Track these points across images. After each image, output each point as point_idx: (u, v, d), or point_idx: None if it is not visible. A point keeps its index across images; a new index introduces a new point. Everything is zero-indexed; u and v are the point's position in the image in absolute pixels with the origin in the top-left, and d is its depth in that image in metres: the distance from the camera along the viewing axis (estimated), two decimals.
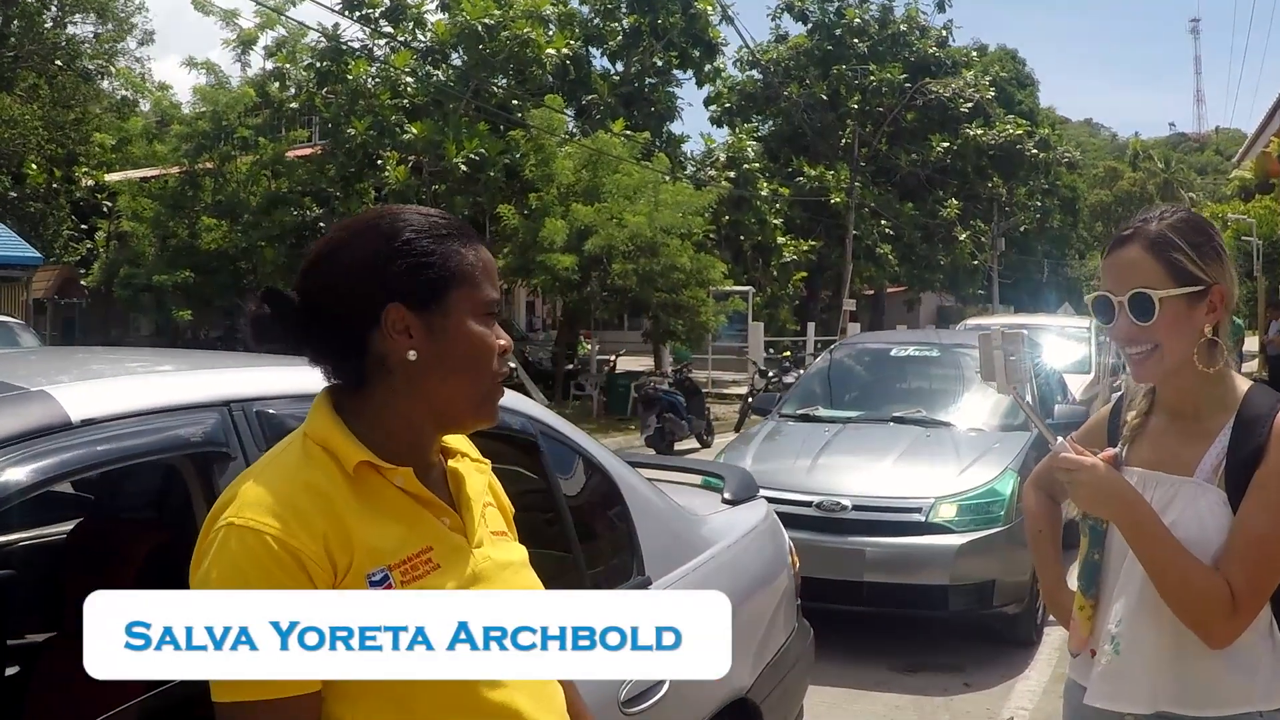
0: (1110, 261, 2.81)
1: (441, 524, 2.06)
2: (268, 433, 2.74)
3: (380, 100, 25.97)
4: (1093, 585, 2.91)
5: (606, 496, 4.11)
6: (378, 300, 1.98)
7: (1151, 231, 2.75)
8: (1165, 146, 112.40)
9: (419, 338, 1.99)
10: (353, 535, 1.90)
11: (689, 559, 4.35)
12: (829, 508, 8.33)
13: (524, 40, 26.25)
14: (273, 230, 25.74)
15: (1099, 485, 2.71)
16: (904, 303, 56.43)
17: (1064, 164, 57.27)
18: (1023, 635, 8.59)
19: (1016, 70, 65.90)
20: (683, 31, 33.59)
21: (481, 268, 2.08)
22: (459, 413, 2.08)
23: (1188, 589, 2.64)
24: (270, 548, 1.82)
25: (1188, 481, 2.76)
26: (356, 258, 2.01)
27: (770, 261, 38.12)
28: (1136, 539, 2.70)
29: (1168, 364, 2.73)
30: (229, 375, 3.02)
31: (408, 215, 2.06)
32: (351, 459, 1.97)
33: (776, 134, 46.24)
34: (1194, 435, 2.80)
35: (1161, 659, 2.74)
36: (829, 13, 46.45)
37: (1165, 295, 2.68)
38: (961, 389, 10.73)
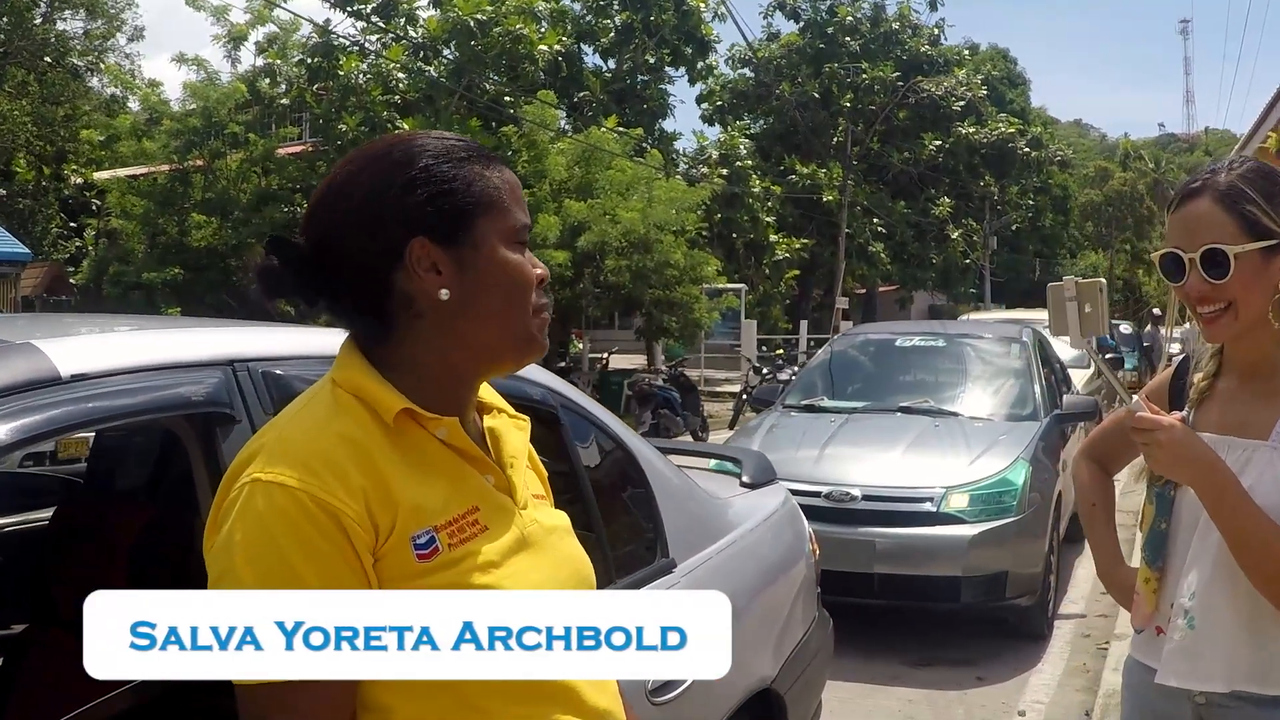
0: (1178, 216, 2.62)
1: (486, 482, 1.86)
2: (274, 395, 2.55)
3: (372, 96, 25.75)
4: (1159, 557, 2.73)
5: (629, 474, 3.94)
6: (399, 236, 1.77)
7: (1222, 183, 2.57)
8: (1155, 147, 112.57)
9: (449, 274, 1.78)
10: (395, 492, 1.69)
11: (712, 542, 4.20)
12: (838, 498, 8.15)
13: (516, 36, 26.07)
14: (263, 227, 25.27)
15: (1179, 447, 2.52)
16: (896, 301, 56.42)
17: (1056, 163, 57.35)
18: (1035, 628, 8.41)
19: (1008, 69, 66.09)
20: (675, 29, 33.61)
21: (508, 190, 1.86)
22: (502, 352, 1.87)
23: (1271, 558, 2.47)
24: (304, 505, 1.61)
25: (1263, 445, 2.58)
26: (370, 191, 1.79)
27: (762, 259, 38.02)
28: (1217, 505, 2.51)
29: (1242, 322, 2.56)
30: (233, 334, 2.83)
31: (420, 140, 1.85)
32: (391, 407, 1.76)
33: (769, 132, 46.18)
34: (1268, 396, 2.63)
35: (1239, 634, 2.56)
36: (821, 11, 46.47)
37: (1240, 250, 2.51)
38: (967, 379, 10.62)
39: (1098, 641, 8.31)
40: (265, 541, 1.60)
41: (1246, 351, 2.68)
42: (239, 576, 1.59)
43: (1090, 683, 7.38)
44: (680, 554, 3.90)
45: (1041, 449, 8.92)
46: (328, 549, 1.61)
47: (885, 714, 6.94)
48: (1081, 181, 78.68)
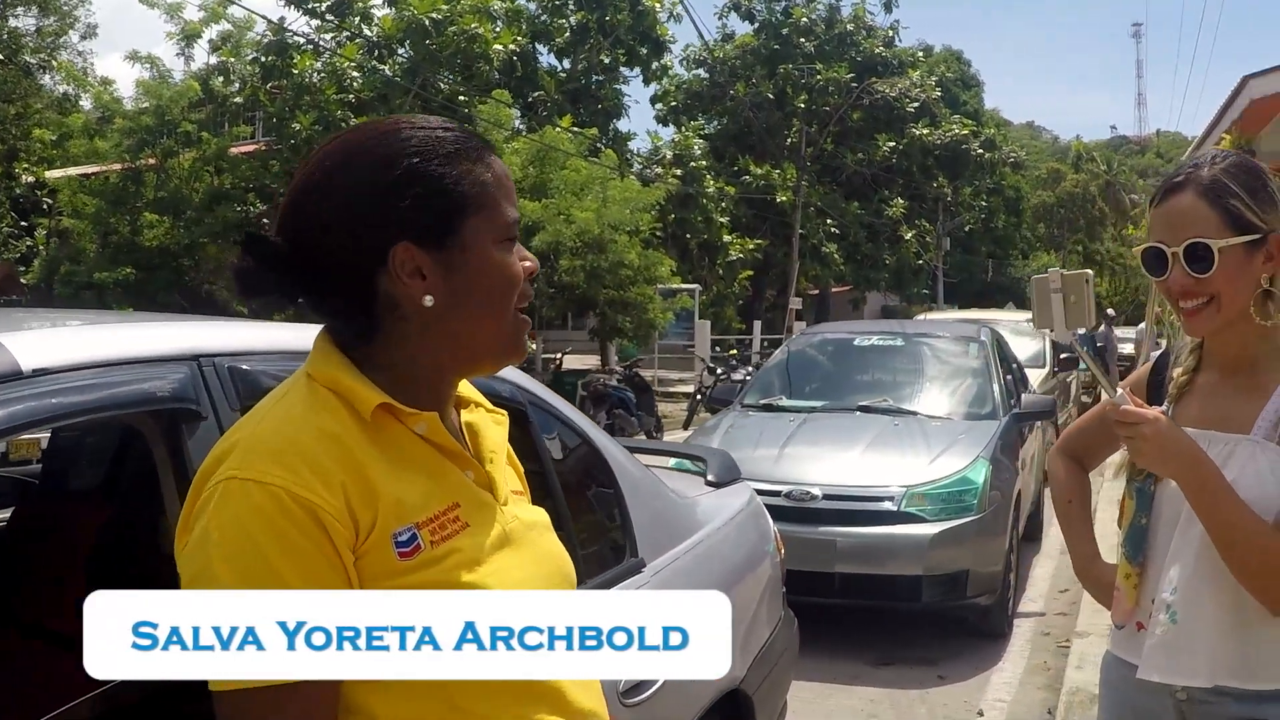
0: (1161, 211, 2.61)
1: (466, 477, 1.80)
2: (241, 391, 2.49)
3: (326, 95, 25.54)
4: (1139, 552, 2.71)
5: (597, 473, 3.90)
6: (382, 240, 1.70)
7: (1205, 177, 2.56)
8: (1107, 149, 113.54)
9: (434, 279, 1.72)
10: (375, 488, 1.63)
11: (680, 542, 4.16)
12: (798, 497, 8.13)
13: (471, 36, 25.96)
14: (215, 227, 25.18)
15: (1164, 440, 2.49)
16: (849, 302, 56.55)
17: (1009, 164, 57.69)
18: (995, 627, 8.42)
19: (962, 71, 66.43)
20: (630, 29, 33.60)
21: (497, 185, 1.79)
22: (484, 354, 1.83)
23: (1255, 552, 2.45)
24: (282, 503, 1.55)
25: (1245, 439, 2.57)
26: (351, 190, 1.71)
27: (716, 260, 37.99)
28: (1201, 499, 2.49)
29: (1224, 316, 2.55)
30: (197, 328, 2.76)
31: (406, 132, 1.76)
32: (368, 402, 1.70)
33: (723, 132, 46.17)
34: (1249, 391, 2.62)
35: (1222, 628, 2.54)
36: (776, 12, 46.48)
37: (1224, 245, 2.50)
38: (926, 378, 10.65)
39: (1058, 640, 8.31)
40: (243, 541, 1.54)
41: (1227, 345, 2.66)
42: (216, 577, 1.53)
43: (1052, 681, 7.39)
44: (649, 553, 3.87)
45: (1001, 448, 8.93)
46: (308, 547, 1.55)
47: (848, 713, 6.91)
48: (1034, 183, 79.29)
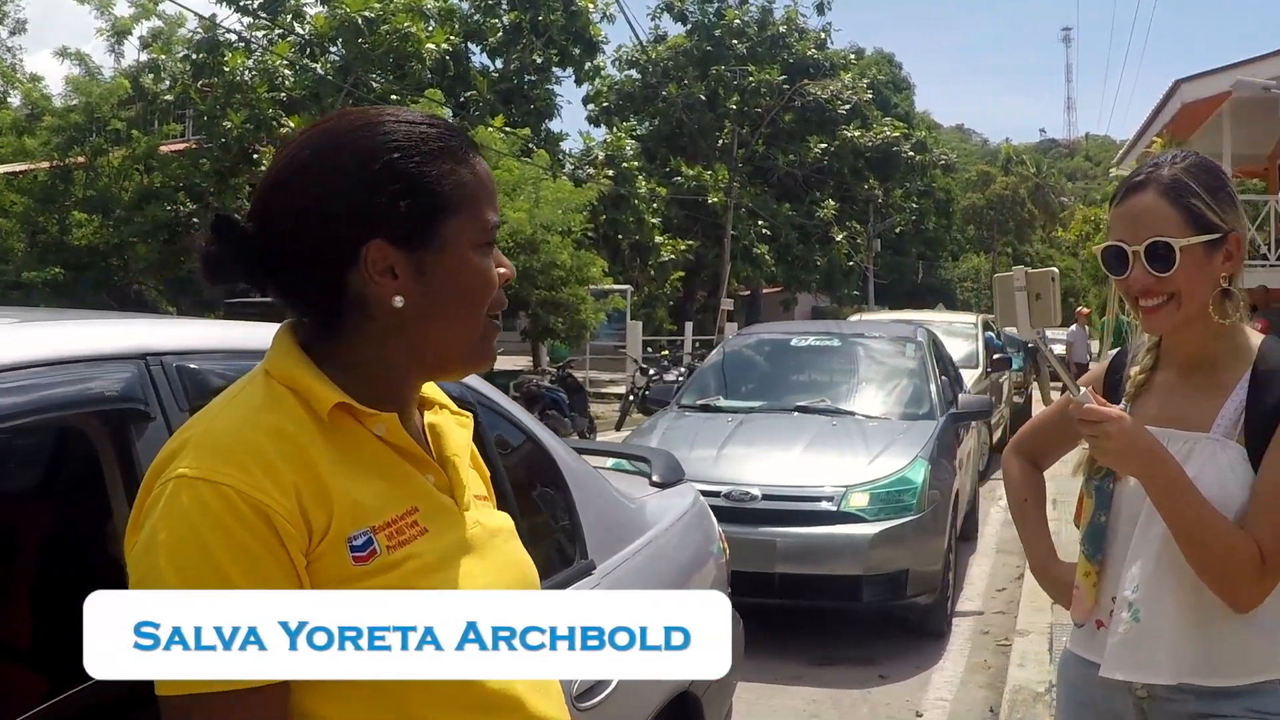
0: (1123, 210, 2.62)
1: (426, 481, 1.75)
2: (190, 390, 2.41)
3: (257, 93, 25.37)
4: (1099, 550, 2.72)
5: (548, 475, 3.85)
6: (355, 235, 1.64)
7: (1165, 177, 2.59)
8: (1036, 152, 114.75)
9: (406, 280, 1.66)
10: (330, 489, 1.58)
11: (628, 543, 4.14)
12: (738, 498, 8.11)
13: (404, 34, 25.87)
14: (145, 226, 24.95)
15: (1127, 438, 2.49)
16: (780, 303, 56.79)
17: (939, 166, 58.12)
18: (935, 626, 8.44)
19: (893, 74, 66.89)
20: (563, 29, 33.51)
21: (478, 187, 1.74)
22: (451, 359, 1.77)
23: (1217, 549, 2.46)
24: (232, 503, 1.50)
25: (1204, 437, 2.59)
26: (327, 183, 1.66)
27: (648, 260, 37.97)
28: (1164, 497, 2.50)
29: (1183, 314, 2.57)
30: (145, 326, 2.68)
31: (389, 126, 1.70)
32: (325, 401, 1.64)
33: (655, 133, 46.22)
34: (1208, 389, 2.64)
35: (1184, 625, 2.55)
36: (709, 14, 46.56)
37: (1185, 244, 2.51)
38: (863, 379, 10.66)
39: (997, 639, 8.36)
40: (191, 542, 1.48)
41: (1185, 344, 2.68)
42: (163, 579, 1.48)
43: (992, 679, 7.42)
44: (599, 555, 3.83)
45: (939, 448, 8.96)
46: (258, 549, 1.50)
47: (790, 714, 6.90)
48: (964, 185, 79.96)
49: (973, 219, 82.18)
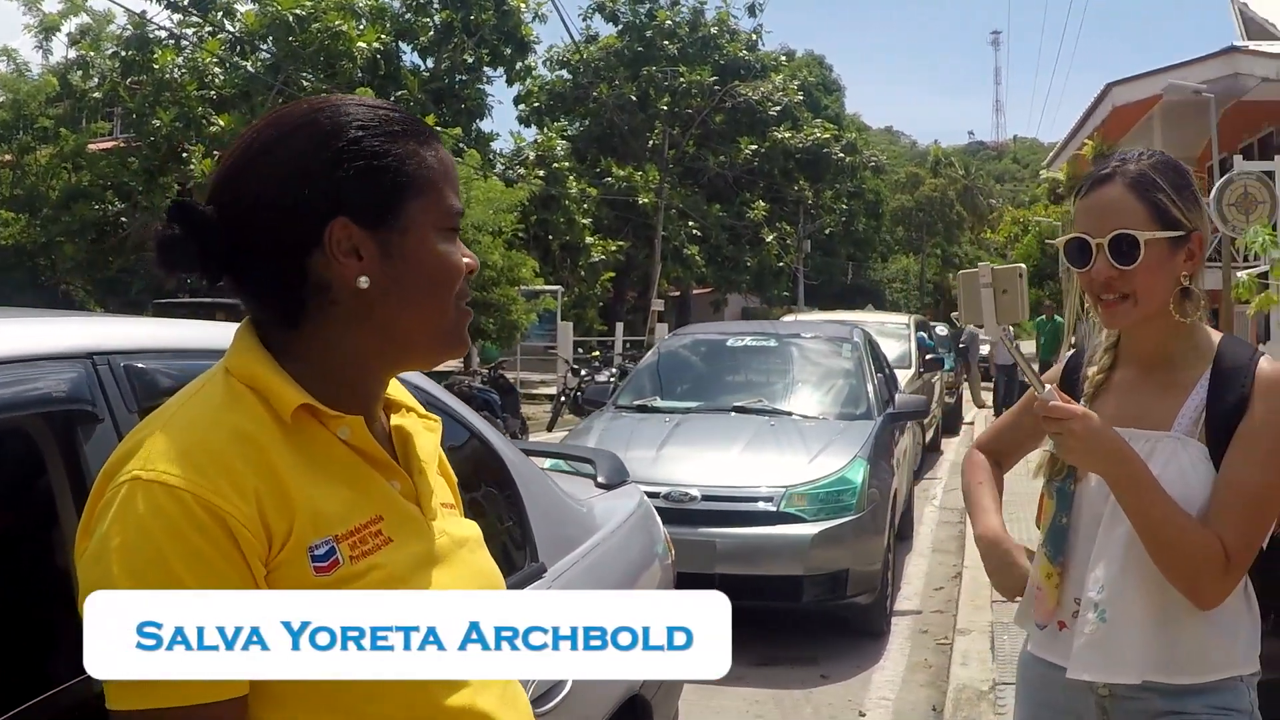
0: (1088, 203, 2.63)
1: (392, 488, 1.70)
2: (139, 391, 2.32)
3: (187, 91, 25.09)
4: (1060, 552, 2.71)
5: (496, 476, 3.80)
6: (319, 215, 1.60)
7: (1132, 171, 2.60)
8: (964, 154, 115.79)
9: (371, 260, 1.62)
10: (291, 495, 1.53)
11: (577, 545, 4.11)
12: (677, 499, 8.07)
13: (335, 33, 25.75)
14: (73, 225, 24.62)
15: (1093, 436, 2.49)
16: (711, 304, 56.86)
17: (869, 168, 58.40)
18: (874, 625, 8.46)
19: (823, 76, 67.25)
20: (495, 29, 33.31)
21: (443, 172, 1.71)
22: (419, 346, 1.72)
23: (1183, 547, 2.47)
24: (189, 509, 1.44)
25: (1165, 436, 2.60)
26: (290, 161, 1.61)
27: (578, 261, 37.96)
28: (1129, 494, 2.51)
29: (1143, 311, 2.58)
30: (92, 324, 2.60)
31: (350, 108, 1.67)
32: (289, 402, 1.59)
33: (585, 134, 46.15)
34: (1168, 388, 2.64)
35: (1150, 625, 2.56)
36: (640, 14, 46.51)
37: (1150, 238, 2.52)
38: (800, 379, 10.67)
39: (936, 637, 8.40)
40: (145, 547, 1.43)
41: (1145, 342, 2.68)
42: (115, 586, 1.42)
43: (933, 678, 7.45)
44: (549, 558, 3.80)
45: (877, 447, 8.98)
46: (215, 557, 1.45)
47: (734, 714, 6.89)
48: (893, 187, 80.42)
49: (902, 220, 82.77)
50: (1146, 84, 22.52)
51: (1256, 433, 2.50)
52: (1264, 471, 2.49)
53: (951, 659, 7.26)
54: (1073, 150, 28.88)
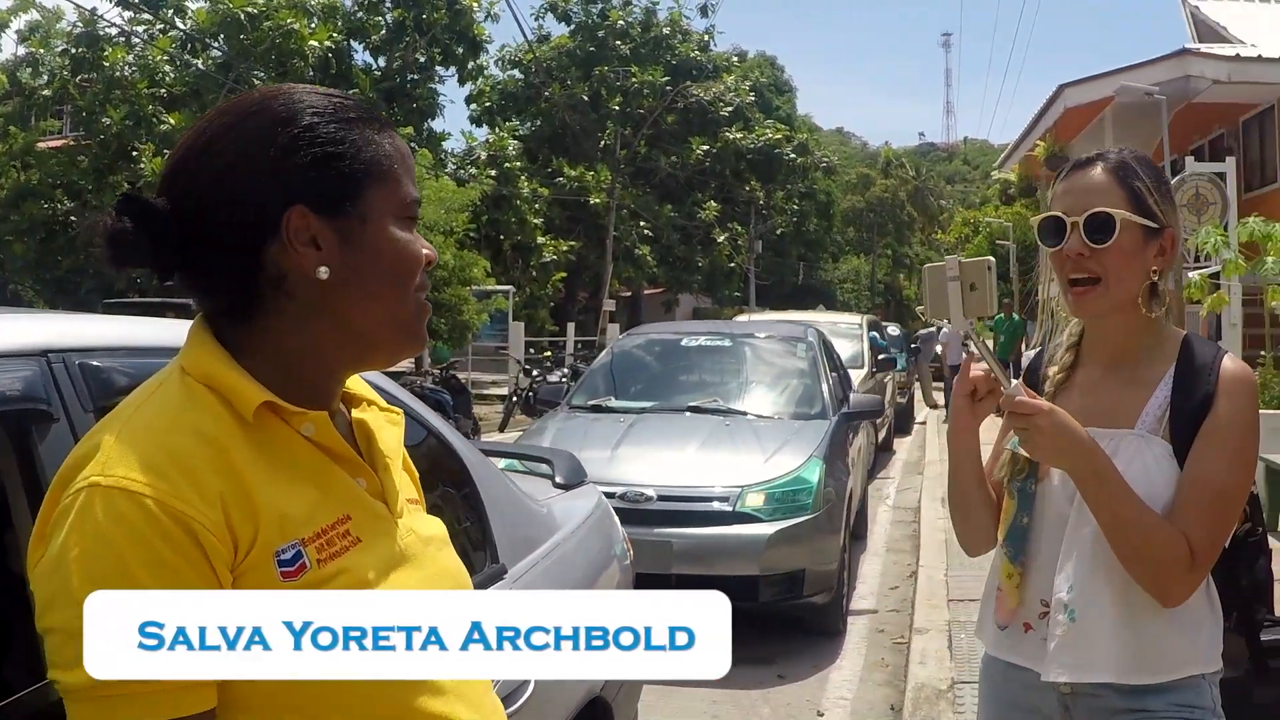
0: (1068, 184, 2.65)
1: (358, 486, 1.65)
2: (94, 390, 2.27)
3: (137, 89, 24.93)
4: (1021, 552, 2.70)
5: (455, 475, 3.75)
6: (275, 203, 1.55)
7: (1114, 159, 2.63)
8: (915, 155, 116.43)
9: (330, 249, 1.58)
10: (256, 498, 1.48)
11: (537, 546, 4.08)
12: (633, 499, 8.03)
13: (286, 31, 25.66)
14: (21, 224, 24.48)
15: (1059, 432, 2.47)
16: (662, 304, 56.93)
17: (821, 169, 58.52)
18: (831, 625, 8.46)
19: (775, 77, 67.50)
20: (447, 28, 33.24)
21: (400, 159, 1.67)
22: (380, 341, 1.67)
23: (1149, 545, 2.46)
24: (152, 515, 1.39)
25: (1129, 434, 2.59)
26: (244, 148, 1.57)
27: (530, 261, 37.95)
28: (1097, 491, 2.49)
29: (1111, 299, 2.58)
30: (45, 321, 2.54)
31: (303, 95, 1.64)
32: (250, 400, 1.54)
33: (537, 134, 46.07)
34: (1132, 385, 2.65)
35: (1118, 623, 2.55)
36: (593, 14, 46.47)
37: (1126, 218, 2.53)
38: (755, 378, 10.67)
39: (893, 636, 8.41)
40: (106, 556, 1.37)
41: (1109, 336, 2.69)
42: (76, 599, 1.36)
43: (891, 677, 7.45)
44: (509, 559, 3.76)
45: (832, 447, 8.98)
46: (181, 565, 1.40)
47: (692, 715, 6.84)
48: (844, 188, 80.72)
49: (853, 221, 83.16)
50: (1098, 85, 22.68)
51: (1221, 430, 2.50)
52: (1229, 469, 2.50)
53: (909, 658, 7.25)
54: (1024, 151, 29.10)
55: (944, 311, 2.60)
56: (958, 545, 2.92)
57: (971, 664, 6.95)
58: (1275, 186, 22.32)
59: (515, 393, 23.50)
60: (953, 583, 9.02)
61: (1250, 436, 2.54)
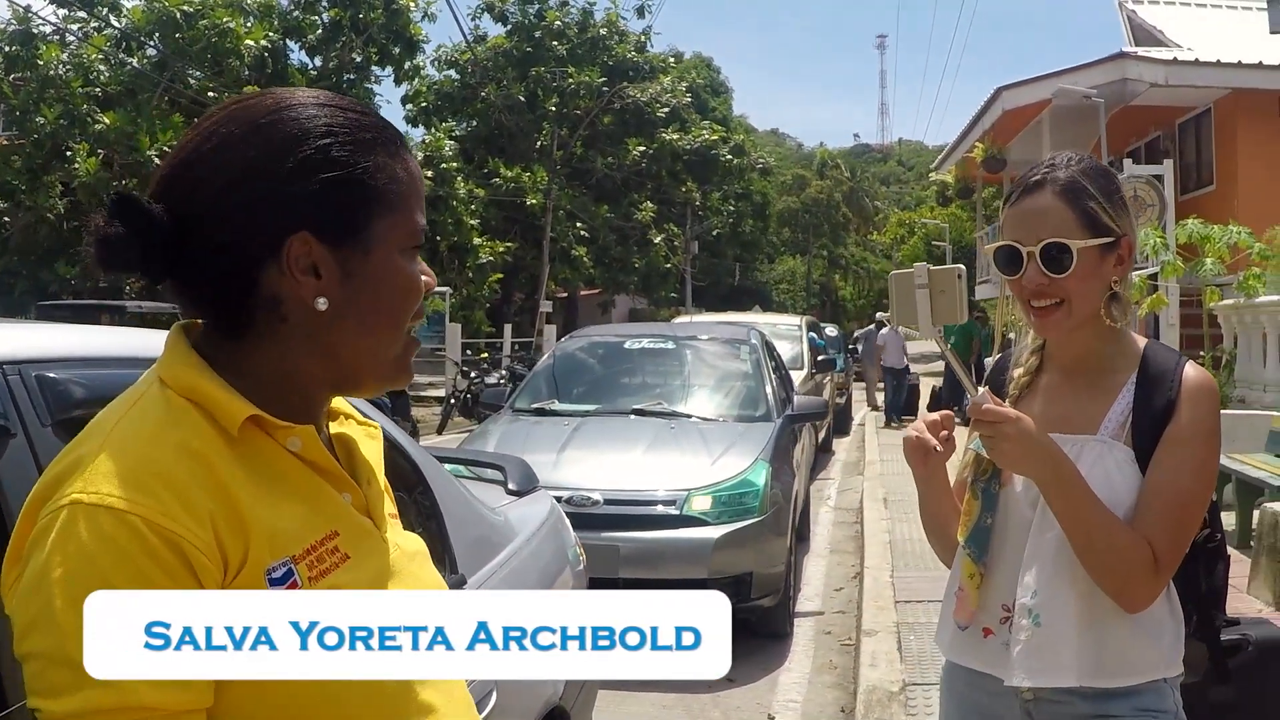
0: (1017, 210, 2.63)
1: (345, 501, 1.61)
2: (52, 403, 2.20)
3: (71, 88, 24.59)
4: (985, 552, 2.69)
5: (412, 484, 3.69)
6: (279, 227, 1.49)
7: (1062, 179, 2.60)
8: (850, 157, 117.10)
9: (330, 279, 1.52)
10: (245, 515, 1.43)
11: (495, 555, 4.06)
12: (579, 503, 7.99)
13: (222, 30, 25.45)
14: None
15: (1026, 440, 2.46)
16: (598, 305, 56.95)
17: (757, 170, 58.66)
18: (778, 627, 8.47)
19: (711, 78, 67.69)
20: (383, 27, 33.05)
21: (412, 186, 1.60)
22: (366, 374, 1.62)
23: (1113, 551, 2.47)
24: (140, 533, 1.33)
25: (1092, 440, 2.61)
26: (251, 165, 1.49)
27: (466, 262, 37.75)
28: (1063, 498, 2.49)
29: (1075, 319, 2.59)
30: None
31: (319, 110, 1.55)
32: (235, 414, 1.48)
33: (473, 134, 45.84)
34: (1094, 391, 2.66)
35: (1082, 629, 2.55)
36: (529, 15, 46.32)
37: (1082, 246, 2.53)
38: (699, 381, 10.68)
39: (840, 638, 8.43)
40: (92, 579, 1.31)
41: (1072, 345, 2.70)
42: (59, 624, 1.31)
43: (840, 680, 7.47)
44: (468, 569, 3.72)
45: (778, 449, 9.00)
46: (170, 586, 1.34)
47: (642, 719, 6.82)
48: (780, 189, 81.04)
49: (788, 222, 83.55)
50: (1037, 88, 22.93)
51: (1184, 438, 2.52)
52: (1192, 476, 2.52)
53: (860, 660, 7.26)
54: (962, 153, 29.34)
55: (911, 319, 2.60)
56: (902, 546, 2.91)
57: (922, 666, 6.98)
58: (1212, 189, 22.62)
59: (453, 395, 23.44)
60: (899, 584, 9.04)
61: (1212, 444, 2.56)
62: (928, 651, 7.17)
